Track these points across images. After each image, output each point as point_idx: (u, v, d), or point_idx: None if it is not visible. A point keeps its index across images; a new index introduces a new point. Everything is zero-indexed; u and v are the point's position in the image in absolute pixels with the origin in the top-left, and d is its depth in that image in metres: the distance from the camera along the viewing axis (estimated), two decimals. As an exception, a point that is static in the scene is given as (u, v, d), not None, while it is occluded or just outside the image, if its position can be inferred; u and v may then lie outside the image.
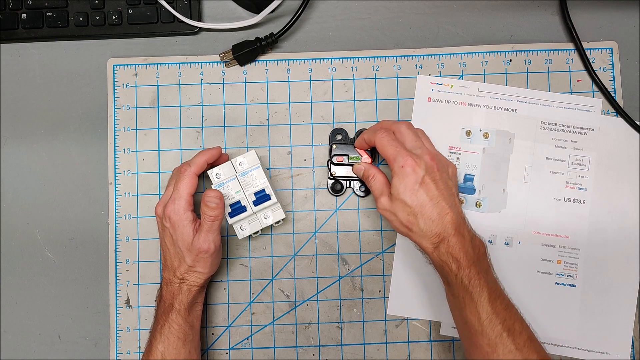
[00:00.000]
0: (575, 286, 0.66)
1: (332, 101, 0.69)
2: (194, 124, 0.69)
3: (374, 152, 0.66)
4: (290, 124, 0.69)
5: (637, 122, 0.68)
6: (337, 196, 0.68)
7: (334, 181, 0.67)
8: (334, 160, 0.67)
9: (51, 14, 0.68)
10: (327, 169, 0.67)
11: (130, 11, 0.68)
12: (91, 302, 0.67)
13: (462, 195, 0.67)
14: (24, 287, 0.68)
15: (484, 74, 0.69)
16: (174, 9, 0.68)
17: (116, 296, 0.67)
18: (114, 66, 0.69)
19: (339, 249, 0.68)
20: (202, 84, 0.69)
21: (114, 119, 0.69)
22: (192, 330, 0.61)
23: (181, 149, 0.68)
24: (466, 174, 0.67)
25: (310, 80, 0.69)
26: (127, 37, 0.70)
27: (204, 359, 0.66)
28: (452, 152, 0.68)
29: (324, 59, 0.69)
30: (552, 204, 0.67)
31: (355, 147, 0.66)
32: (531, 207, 0.67)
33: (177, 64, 0.69)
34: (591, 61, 0.69)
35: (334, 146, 0.67)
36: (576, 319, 0.66)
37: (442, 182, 0.58)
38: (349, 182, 0.67)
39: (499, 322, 0.55)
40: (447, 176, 0.60)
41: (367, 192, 0.67)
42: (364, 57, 0.69)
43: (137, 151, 0.68)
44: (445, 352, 0.67)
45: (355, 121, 0.69)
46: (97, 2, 0.68)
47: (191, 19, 0.68)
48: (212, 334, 0.67)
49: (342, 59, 0.69)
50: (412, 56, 0.69)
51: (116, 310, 0.67)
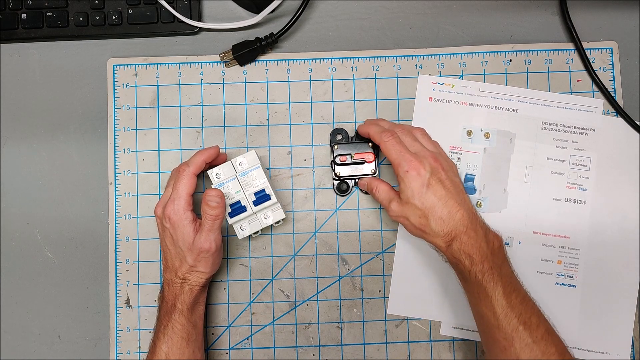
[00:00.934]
0: (575, 286, 0.66)
1: (332, 101, 0.69)
2: (194, 124, 0.69)
3: (375, 149, 0.66)
4: (290, 124, 0.69)
5: (637, 122, 0.67)
6: (343, 196, 0.68)
7: (339, 181, 0.67)
8: (337, 160, 0.67)
9: (51, 14, 0.68)
10: (331, 170, 0.67)
11: (130, 11, 0.68)
12: (91, 302, 0.67)
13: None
14: (24, 287, 0.68)
15: (484, 74, 0.69)
16: (174, 9, 0.68)
17: (116, 296, 0.67)
18: (114, 66, 0.69)
19: (339, 249, 0.68)
20: (202, 84, 0.69)
21: (114, 119, 0.69)
22: (195, 330, 0.61)
23: (181, 149, 0.68)
24: (467, 174, 0.67)
25: (310, 80, 0.69)
26: (127, 37, 0.70)
27: (205, 359, 0.66)
28: (453, 152, 0.68)
29: (324, 59, 0.69)
30: (553, 204, 0.67)
31: (358, 132, 0.67)
32: (532, 207, 0.67)
33: (177, 64, 0.69)
34: (591, 61, 0.69)
35: (336, 147, 0.67)
36: (576, 319, 0.66)
37: (449, 181, 0.59)
38: (354, 180, 0.67)
39: (514, 315, 0.55)
40: (453, 174, 0.60)
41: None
42: (364, 57, 0.69)
43: (137, 151, 0.68)
44: (445, 352, 0.67)
45: (355, 121, 0.69)
46: (97, 2, 0.68)
47: (191, 19, 0.68)
48: (212, 334, 0.67)
49: (342, 59, 0.69)
50: (412, 56, 0.69)
51: (116, 310, 0.67)
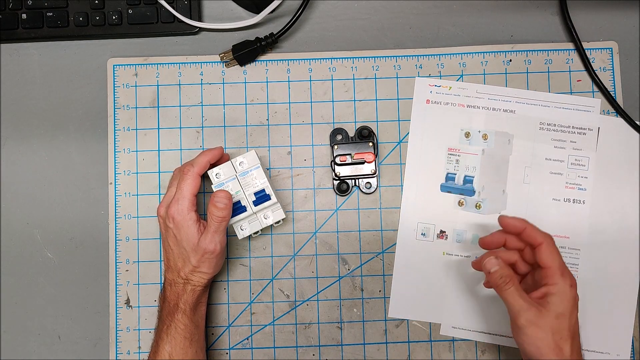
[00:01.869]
0: (575, 286, 0.66)
1: (332, 101, 0.69)
2: (194, 124, 0.69)
3: (375, 148, 0.66)
4: (290, 124, 0.69)
5: (637, 122, 0.68)
6: (343, 196, 0.68)
7: (339, 181, 0.67)
8: (337, 160, 0.67)
9: (51, 14, 0.68)
10: (331, 170, 0.67)
11: (130, 11, 0.68)
12: (91, 302, 0.68)
13: (462, 197, 0.67)
14: (24, 287, 0.68)
15: (484, 74, 0.69)
16: (174, 9, 0.68)
17: (116, 296, 0.67)
18: (114, 66, 0.69)
19: (339, 249, 0.68)
20: (202, 84, 0.69)
21: (114, 119, 0.69)
22: (197, 329, 0.61)
23: (181, 149, 0.68)
24: (466, 176, 0.67)
25: (310, 80, 0.69)
26: (127, 37, 0.70)
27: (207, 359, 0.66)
28: (452, 154, 0.68)
29: (324, 59, 0.69)
30: (552, 204, 0.67)
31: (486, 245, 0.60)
32: (531, 208, 0.67)
33: (177, 64, 0.69)
34: (591, 61, 0.69)
35: (336, 147, 0.67)
36: (576, 319, 0.66)
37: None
38: (354, 180, 0.67)
39: None
40: None
41: (374, 188, 0.67)
42: (364, 57, 0.69)
43: (137, 151, 0.68)
44: (445, 352, 0.67)
45: (355, 121, 0.69)
46: (97, 2, 0.68)
47: (191, 19, 0.68)
48: (212, 334, 0.67)
49: (342, 59, 0.69)
50: (412, 56, 0.69)
51: (116, 310, 0.67)
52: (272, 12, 0.67)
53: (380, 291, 0.67)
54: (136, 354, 0.67)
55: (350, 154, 0.67)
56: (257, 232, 0.63)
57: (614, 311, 0.66)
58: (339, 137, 0.68)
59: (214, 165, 0.63)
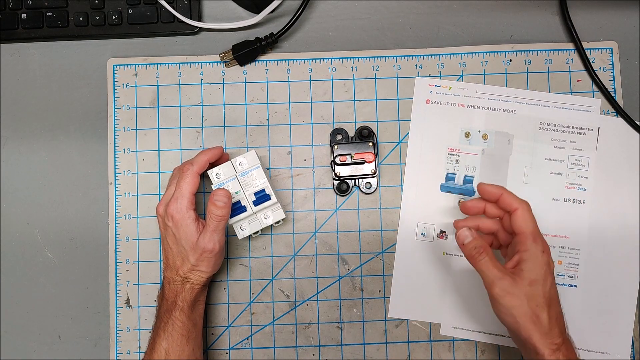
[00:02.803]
0: (575, 286, 0.66)
1: (332, 101, 0.69)
2: (194, 124, 0.69)
3: (375, 148, 0.66)
4: (290, 124, 0.69)
5: (637, 122, 0.68)
6: (343, 196, 0.68)
7: (339, 181, 0.67)
8: (337, 160, 0.67)
9: (51, 14, 0.68)
10: (331, 170, 0.67)
11: (130, 11, 0.68)
12: (91, 302, 0.68)
13: (462, 197, 0.67)
14: (24, 287, 0.68)
15: (484, 74, 0.69)
16: (174, 9, 0.68)
17: (116, 296, 0.67)
18: (114, 66, 0.69)
19: (339, 249, 0.68)
20: (202, 84, 0.69)
21: (114, 119, 0.69)
22: (195, 328, 0.61)
23: (181, 149, 0.68)
24: (465, 176, 0.67)
25: (310, 80, 0.69)
26: (127, 37, 0.70)
27: (204, 358, 0.66)
28: (452, 154, 0.68)
29: (324, 59, 0.69)
30: (552, 204, 0.67)
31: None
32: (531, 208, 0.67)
33: (177, 64, 0.69)
34: (591, 61, 0.69)
35: (336, 147, 0.67)
36: (577, 319, 0.66)
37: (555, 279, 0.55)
38: (354, 180, 0.67)
39: None
40: None
41: (374, 188, 0.67)
42: (364, 57, 0.69)
43: (137, 151, 0.68)
44: (445, 352, 0.67)
45: (355, 121, 0.69)
46: (97, 2, 0.68)
47: (191, 19, 0.68)
48: (212, 334, 0.67)
49: (342, 59, 0.69)
50: (412, 56, 0.69)
51: (116, 310, 0.67)
52: (272, 12, 0.67)
53: (380, 291, 0.67)
54: (136, 354, 0.67)
55: (350, 154, 0.67)
56: (257, 232, 0.63)
57: (614, 311, 0.66)
58: (339, 137, 0.68)
59: (213, 164, 0.63)
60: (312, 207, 0.68)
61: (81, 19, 0.68)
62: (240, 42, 0.68)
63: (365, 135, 0.67)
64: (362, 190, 0.68)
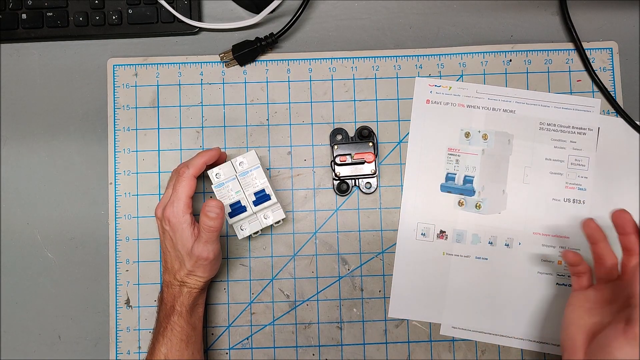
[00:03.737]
0: (575, 286, 0.66)
1: (332, 101, 0.69)
2: (194, 124, 0.69)
3: (375, 148, 0.66)
4: (290, 124, 0.69)
5: (637, 122, 0.67)
6: (343, 196, 0.68)
7: (339, 181, 0.67)
8: (337, 160, 0.67)
9: (51, 14, 0.68)
10: (331, 170, 0.67)
11: (130, 11, 0.68)
12: (91, 302, 0.68)
13: (462, 197, 0.67)
14: (24, 287, 0.68)
15: (484, 74, 0.69)
16: (174, 9, 0.68)
17: (116, 296, 0.67)
18: (114, 66, 0.69)
19: (339, 249, 0.68)
20: (202, 84, 0.69)
21: (114, 119, 0.69)
22: (194, 331, 0.61)
23: (181, 149, 0.68)
24: (465, 176, 0.67)
25: (310, 80, 0.69)
26: (127, 37, 0.70)
27: (205, 359, 0.66)
28: (452, 154, 0.68)
29: (324, 59, 0.69)
30: (552, 204, 0.67)
31: (566, 257, 0.60)
32: (531, 208, 0.67)
33: (177, 64, 0.69)
34: (591, 61, 0.69)
35: (336, 147, 0.67)
36: (576, 319, 0.66)
37: None
38: (354, 180, 0.67)
39: None
40: None
41: (374, 188, 0.67)
42: (364, 57, 0.69)
43: (137, 151, 0.68)
44: (445, 352, 0.67)
45: (355, 121, 0.69)
46: (97, 2, 0.68)
47: (191, 19, 0.68)
48: (212, 334, 0.67)
49: (342, 59, 0.69)
50: (412, 56, 0.69)
51: (116, 310, 0.67)
52: (272, 12, 0.67)
53: (380, 291, 0.67)
54: (136, 354, 0.67)
55: (350, 154, 0.67)
56: (257, 232, 0.63)
57: (614, 311, 0.66)
58: (339, 137, 0.68)
59: (212, 165, 0.63)
60: (312, 207, 0.68)
61: (81, 19, 0.68)
62: (240, 42, 0.68)
63: (365, 135, 0.67)
64: (362, 190, 0.68)
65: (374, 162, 0.67)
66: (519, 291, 0.66)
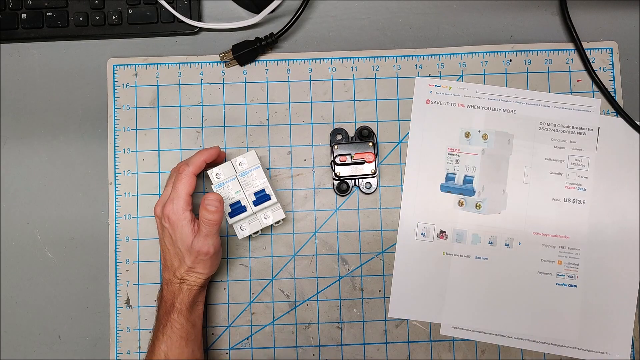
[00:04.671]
0: (576, 286, 0.66)
1: (332, 101, 0.69)
2: (194, 124, 0.69)
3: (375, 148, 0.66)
4: (290, 124, 0.69)
5: (637, 122, 0.68)
6: (343, 196, 0.68)
7: (339, 181, 0.67)
8: (337, 160, 0.67)
9: (51, 14, 0.68)
10: (331, 170, 0.67)
11: (130, 11, 0.68)
12: (91, 302, 0.68)
13: (462, 196, 0.67)
14: (24, 287, 0.68)
15: (484, 74, 0.69)
16: (174, 9, 0.68)
17: (116, 296, 0.67)
18: (114, 66, 0.69)
19: (339, 249, 0.68)
20: (202, 84, 0.69)
21: (114, 119, 0.69)
22: (194, 329, 0.61)
23: (181, 149, 0.68)
24: (465, 176, 0.67)
25: (310, 80, 0.69)
26: (127, 37, 0.70)
27: (205, 359, 0.66)
28: (452, 154, 0.68)
29: (324, 59, 0.69)
30: (552, 204, 0.67)
31: None
32: (531, 208, 0.67)
33: (177, 64, 0.69)
34: (591, 61, 0.69)
35: (336, 147, 0.67)
36: (577, 319, 0.66)
37: None
38: (354, 180, 0.67)
39: None
40: None
41: (374, 188, 0.67)
42: (364, 57, 0.69)
43: (137, 151, 0.68)
44: (445, 352, 0.67)
45: (355, 121, 0.69)
46: (97, 2, 0.68)
47: (191, 19, 0.68)
48: (212, 334, 0.67)
49: (342, 59, 0.69)
50: (412, 56, 0.69)
51: (116, 310, 0.67)
52: (272, 12, 0.67)
53: (380, 291, 0.67)
54: (136, 354, 0.67)
55: (350, 154, 0.67)
56: (257, 232, 0.63)
57: (614, 311, 0.66)
58: (339, 137, 0.68)
59: (211, 164, 0.63)
60: (312, 207, 0.68)
61: (81, 19, 0.68)
62: (240, 42, 0.68)
63: (365, 135, 0.67)
64: (362, 190, 0.68)
65: (374, 162, 0.67)
66: (519, 291, 0.66)
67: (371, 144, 0.67)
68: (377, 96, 0.69)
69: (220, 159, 0.64)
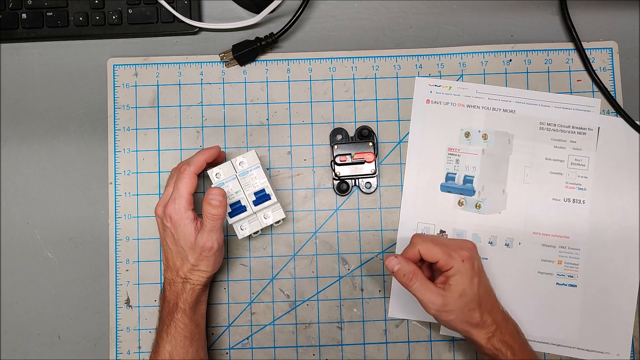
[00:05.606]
0: (575, 286, 0.66)
1: (332, 101, 0.69)
2: (194, 124, 0.69)
3: (375, 148, 0.66)
4: (290, 124, 0.69)
5: (637, 122, 0.68)
6: (343, 196, 0.68)
7: (339, 181, 0.67)
8: (337, 160, 0.67)
9: (51, 13, 0.68)
10: (331, 170, 0.67)
11: (130, 11, 0.68)
12: (91, 302, 0.68)
13: (462, 196, 0.67)
14: (24, 287, 0.68)
15: (484, 74, 0.69)
16: (174, 9, 0.68)
17: (116, 296, 0.67)
18: (114, 66, 0.69)
19: (339, 249, 0.68)
20: (202, 83, 0.69)
21: (114, 119, 0.69)
22: (197, 329, 0.61)
23: (181, 149, 0.68)
24: (465, 176, 0.67)
25: (310, 80, 0.69)
26: (127, 37, 0.70)
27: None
28: (452, 154, 0.68)
29: (324, 59, 0.69)
30: (552, 204, 0.67)
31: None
32: (531, 208, 0.67)
33: (177, 63, 0.69)
34: (591, 61, 0.69)
35: (336, 146, 0.67)
36: (577, 319, 0.66)
37: (484, 270, 0.61)
38: (354, 180, 0.67)
39: None
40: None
41: (374, 188, 0.67)
42: (364, 57, 0.69)
43: (137, 151, 0.68)
44: (445, 352, 0.67)
45: (355, 121, 0.69)
46: (97, 2, 0.68)
47: (191, 19, 0.68)
48: (213, 334, 0.67)
49: (342, 59, 0.69)
50: (412, 56, 0.69)
51: (116, 310, 0.67)
52: (272, 12, 0.67)
53: (380, 291, 0.67)
54: (136, 354, 0.67)
55: (350, 154, 0.67)
56: (257, 232, 0.63)
57: (614, 311, 0.66)
58: (339, 137, 0.68)
59: (211, 164, 0.63)
60: (312, 207, 0.68)
61: (81, 18, 0.68)
62: (240, 42, 0.68)
63: (365, 135, 0.67)
64: (362, 190, 0.68)
65: (374, 162, 0.67)
66: (519, 291, 0.66)
67: (371, 144, 0.67)
68: (377, 96, 0.69)
69: (220, 158, 0.64)
